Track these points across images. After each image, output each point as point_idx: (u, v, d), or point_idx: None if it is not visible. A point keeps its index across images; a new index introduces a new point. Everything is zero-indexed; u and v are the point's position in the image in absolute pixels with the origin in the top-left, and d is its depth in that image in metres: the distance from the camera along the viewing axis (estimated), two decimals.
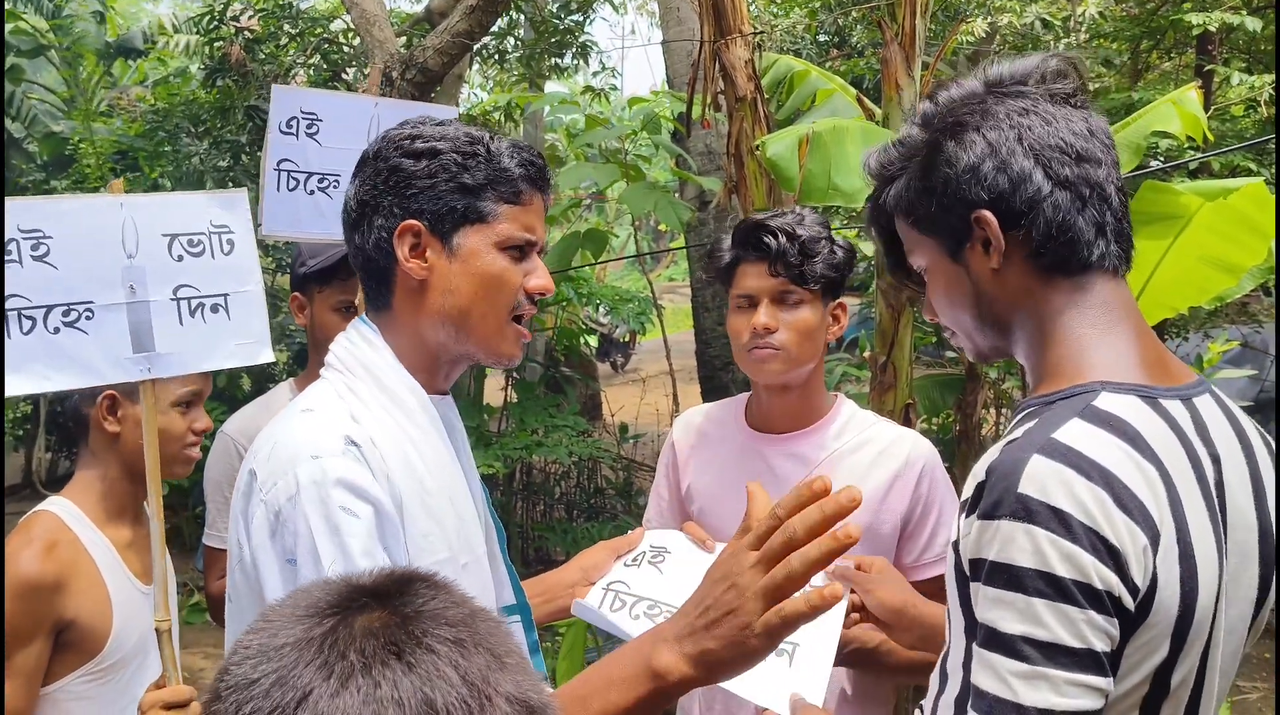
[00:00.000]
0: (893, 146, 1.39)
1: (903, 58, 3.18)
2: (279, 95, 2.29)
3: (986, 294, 1.32)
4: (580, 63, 10.12)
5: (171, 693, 1.81)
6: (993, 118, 1.28)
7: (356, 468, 1.34)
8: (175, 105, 8.23)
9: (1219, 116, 7.60)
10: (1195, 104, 3.27)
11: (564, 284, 6.76)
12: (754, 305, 2.00)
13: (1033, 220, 1.25)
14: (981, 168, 1.26)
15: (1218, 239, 3.07)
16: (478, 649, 0.77)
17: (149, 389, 1.90)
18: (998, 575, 1.12)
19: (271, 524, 1.33)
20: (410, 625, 0.77)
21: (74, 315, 1.82)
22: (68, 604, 1.94)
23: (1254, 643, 1.33)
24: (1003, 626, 1.11)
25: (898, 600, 1.78)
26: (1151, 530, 1.12)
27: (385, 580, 0.83)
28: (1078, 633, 1.09)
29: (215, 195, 2.00)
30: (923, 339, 5.53)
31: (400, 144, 1.48)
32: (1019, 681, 1.10)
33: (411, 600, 0.80)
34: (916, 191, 1.34)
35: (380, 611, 0.78)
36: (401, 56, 5.47)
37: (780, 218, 2.02)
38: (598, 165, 5.70)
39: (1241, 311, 7.37)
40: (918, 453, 2.05)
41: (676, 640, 1.21)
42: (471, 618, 0.80)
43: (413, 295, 1.49)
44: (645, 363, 15.55)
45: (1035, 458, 1.12)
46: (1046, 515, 1.09)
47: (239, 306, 1.98)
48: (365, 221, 1.49)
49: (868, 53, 8.82)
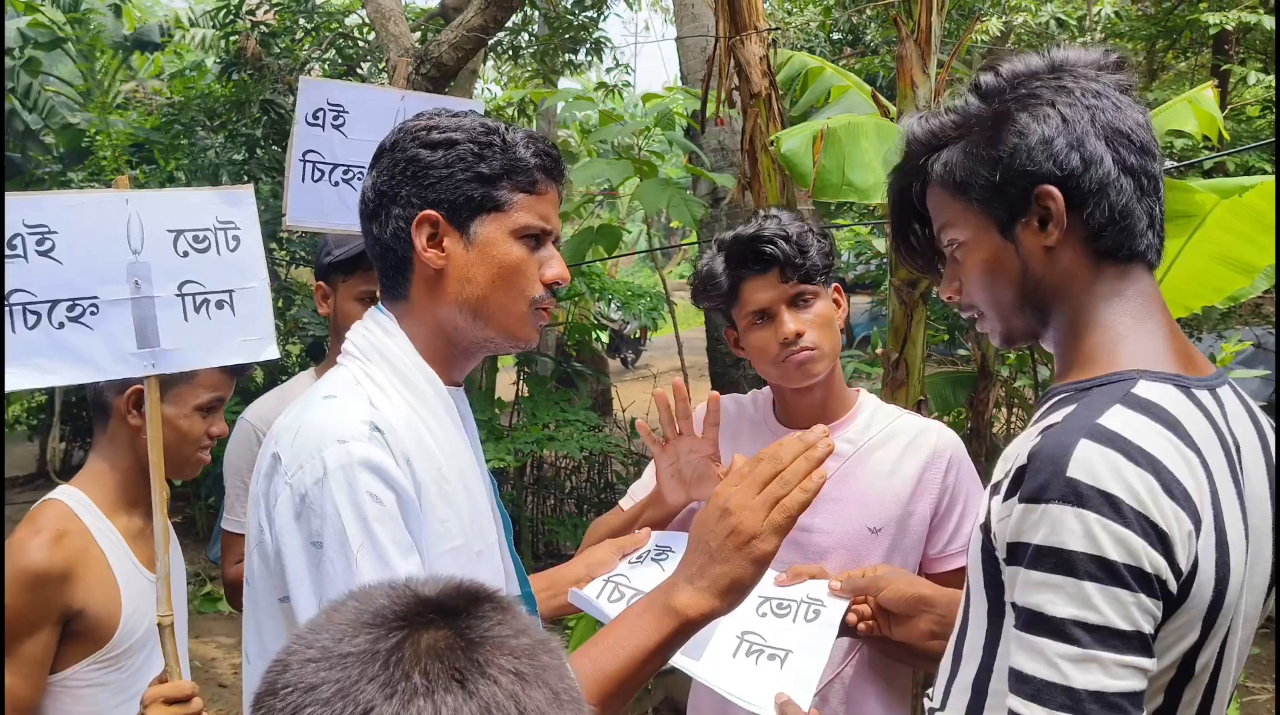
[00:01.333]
0: (946, 114, 1.36)
1: (918, 55, 3.18)
2: (306, 87, 2.30)
3: (1034, 273, 1.30)
4: (594, 59, 10.14)
5: (173, 688, 1.82)
6: (1068, 94, 1.27)
7: (381, 453, 1.35)
8: (191, 98, 8.27)
9: (1234, 117, 7.58)
10: (1211, 103, 3.28)
11: (576, 279, 6.77)
12: (771, 317, 1.98)
13: (1098, 203, 1.25)
14: (1055, 142, 1.25)
15: (1232, 238, 3.07)
16: (538, 683, 0.78)
17: (153, 385, 1.91)
18: (1045, 559, 1.12)
19: (297, 506, 1.34)
20: (475, 651, 0.78)
21: (79, 310, 1.83)
22: (76, 593, 1.94)
23: (1259, 628, 1.35)
24: (1051, 610, 1.11)
25: (911, 590, 1.80)
26: (1195, 516, 1.13)
27: (453, 595, 0.84)
28: (1128, 615, 1.09)
29: (221, 191, 2.00)
30: (935, 337, 5.54)
31: (417, 135, 1.50)
32: (1069, 665, 1.10)
33: (478, 623, 0.81)
34: (976, 159, 1.30)
35: (446, 631, 0.79)
36: (416, 51, 5.50)
37: (762, 225, 1.99)
38: (611, 161, 5.71)
39: (1255, 313, 7.35)
40: (944, 443, 2.05)
41: (689, 580, 1.31)
42: (535, 649, 0.81)
43: (430, 284, 1.50)
44: (656, 359, 15.56)
45: (1084, 442, 1.13)
46: (1097, 499, 1.10)
47: (244, 303, 1.98)
48: (383, 211, 1.50)
49: (882, 50, 8.82)
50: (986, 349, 4.33)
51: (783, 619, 1.82)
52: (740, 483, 1.33)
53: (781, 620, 1.81)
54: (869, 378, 5.58)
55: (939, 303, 5.24)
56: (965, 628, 1.31)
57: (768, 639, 1.78)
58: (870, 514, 1.99)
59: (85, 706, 1.99)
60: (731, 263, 2.00)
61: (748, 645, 1.77)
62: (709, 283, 2.02)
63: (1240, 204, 2.99)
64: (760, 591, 1.86)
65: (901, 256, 1.52)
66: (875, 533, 1.98)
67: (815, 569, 1.89)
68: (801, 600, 1.84)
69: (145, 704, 1.80)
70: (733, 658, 1.76)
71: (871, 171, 2.96)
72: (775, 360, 1.98)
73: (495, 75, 15.59)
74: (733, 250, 2.00)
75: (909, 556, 2.01)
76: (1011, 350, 5.50)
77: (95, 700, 2.00)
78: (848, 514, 1.99)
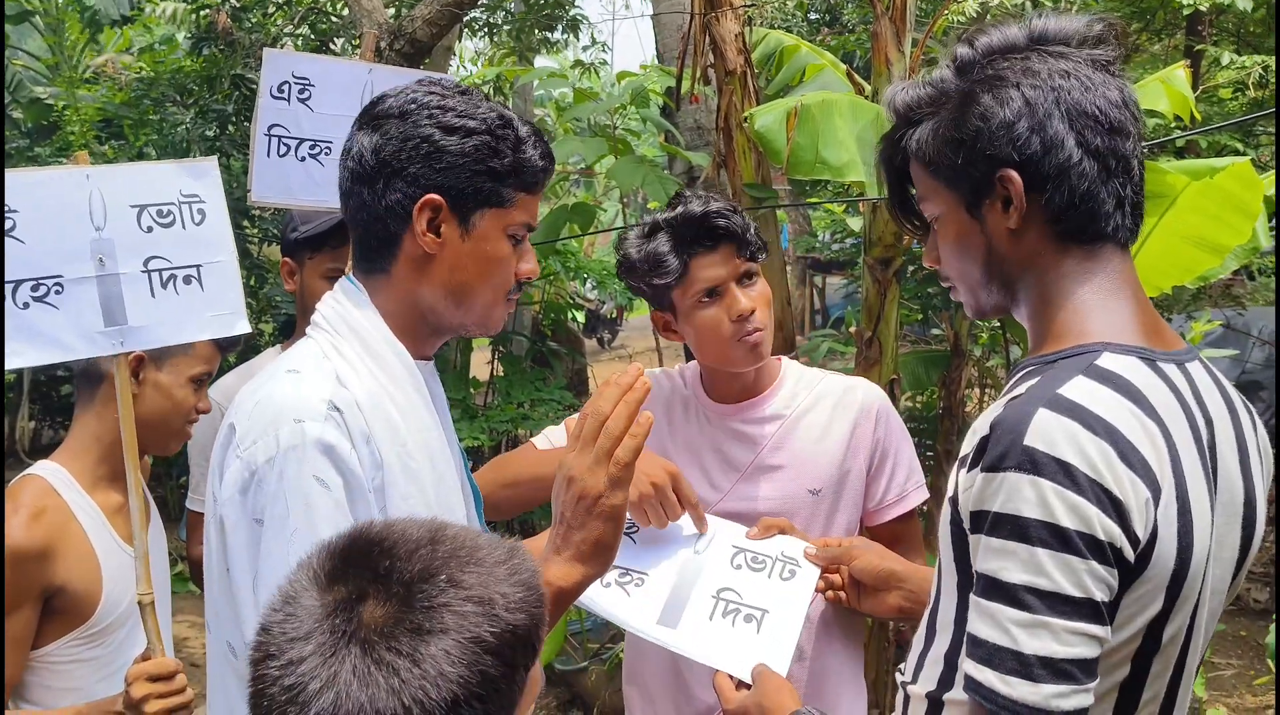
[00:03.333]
0: (923, 86, 1.36)
1: (893, 32, 3.18)
2: (271, 59, 2.27)
3: (998, 252, 1.31)
4: (570, 37, 10.07)
5: (156, 665, 1.81)
6: (1034, 76, 1.26)
7: (336, 434, 1.35)
8: (161, 73, 8.15)
9: (1207, 99, 7.61)
10: (1183, 83, 3.30)
11: (552, 258, 6.74)
12: (720, 295, 1.97)
13: (1058, 187, 1.25)
14: (1016, 126, 1.25)
15: (1203, 218, 3.10)
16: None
17: (122, 363, 1.88)
18: (1002, 526, 1.13)
19: (245, 481, 1.35)
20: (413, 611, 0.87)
21: (43, 290, 1.80)
22: (56, 570, 1.93)
23: (1228, 603, 1.36)
24: (1005, 576, 1.13)
25: (882, 564, 1.82)
26: (1153, 484, 1.14)
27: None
28: (1079, 582, 1.11)
29: (184, 164, 1.97)
30: (908, 317, 5.55)
31: (433, 112, 1.46)
32: (1020, 630, 1.12)
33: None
34: (943, 140, 1.31)
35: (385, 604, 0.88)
36: (390, 26, 5.44)
37: (702, 204, 1.97)
38: (586, 139, 5.68)
39: (1225, 294, 7.41)
40: (870, 398, 2.09)
41: (555, 553, 1.37)
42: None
43: (417, 265, 1.49)
44: (632, 339, 15.55)
45: (1041, 412, 1.14)
46: (1052, 467, 1.11)
47: (212, 277, 1.96)
48: (382, 180, 1.46)
49: (858, 29, 8.80)
50: (960, 328, 4.34)
51: (758, 573, 1.85)
52: (575, 447, 1.38)
53: (757, 575, 1.84)
54: (843, 357, 5.59)
55: (912, 282, 5.25)
56: (938, 601, 1.32)
57: (744, 596, 1.81)
58: (809, 477, 2.03)
59: (67, 682, 1.99)
60: (680, 242, 1.97)
61: (724, 604, 1.80)
62: (657, 265, 1.98)
63: (1211, 185, 3.02)
64: (734, 542, 1.89)
65: (897, 220, 1.52)
66: (816, 494, 2.02)
67: (784, 522, 1.93)
68: (776, 557, 1.87)
69: (129, 681, 1.80)
70: (710, 620, 1.78)
71: (845, 149, 2.95)
72: (728, 338, 1.97)
73: (472, 54, 15.48)
74: (681, 229, 1.97)
75: (851, 513, 2.06)
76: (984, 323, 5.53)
77: (77, 676, 2.00)
78: (787, 479, 2.03)
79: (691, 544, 1.91)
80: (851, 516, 2.07)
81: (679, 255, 1.97)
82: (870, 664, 3.22)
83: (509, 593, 0.92)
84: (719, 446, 2.07)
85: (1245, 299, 7.31)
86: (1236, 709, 4.82)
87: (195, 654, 5.60)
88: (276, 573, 1.28)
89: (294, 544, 1.31)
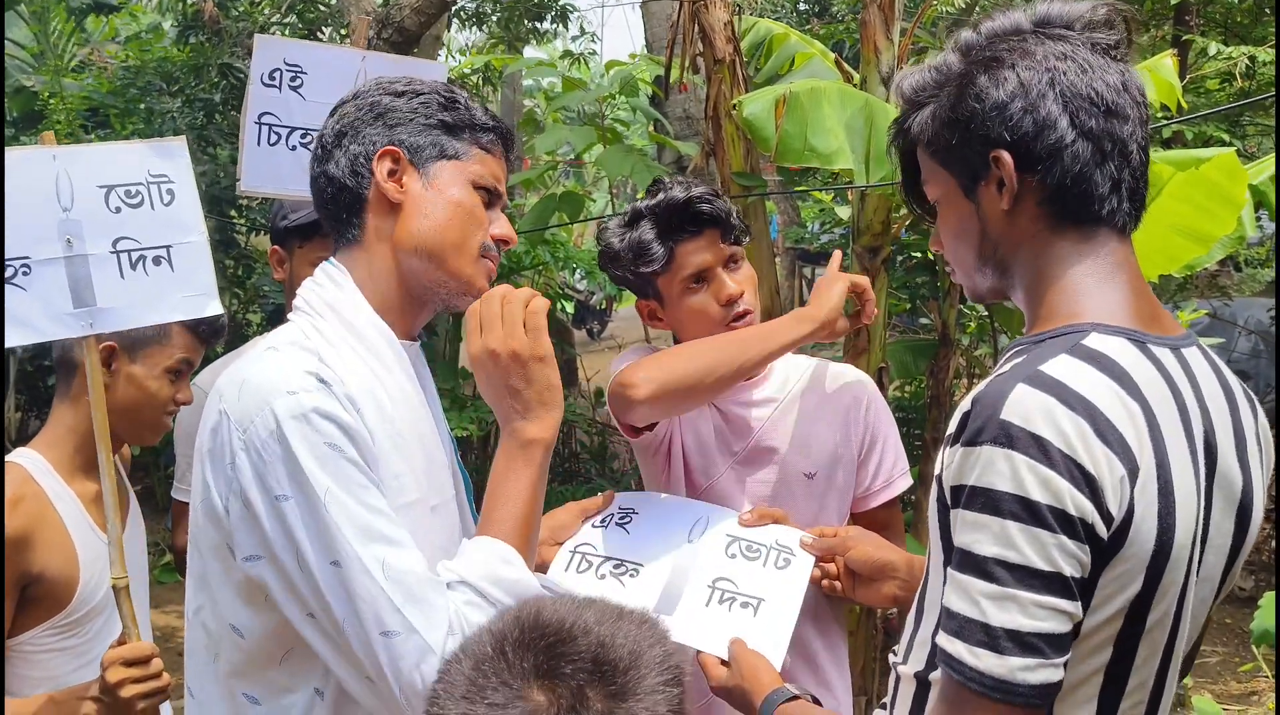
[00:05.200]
0: (929, 71, 1.37)
1: (881, 20, 3.18)
2: (262, 45, 2.24)
3: (992, 234, 1.32)
4: (559, 27, 10.05)
5: (132, 649, 1.81)
6: (1030, 57, 1.26)
7: (330, 401, 1.34)
8: (148, 62, 8.10)
9: (1194, 90, 7.64)
10: (1170, 71, 3.30)
11: (540, 248, 6.74)
12: (708, 280, 1.98)
13: (1050, 168, 1.25)
14: (1009, 107, 1.25)
15: (1189, 208, 3.11)
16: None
17: (91, 346, 1.87)
18: (976, 499, 1.14)
19: (255, 464, 1.32)
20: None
21: (11, 271, 1.79)
22: (34, 558, 1.92)
23: (1224, 595, 1.36)
24: (977, 549, 1.14)
25: (879, 554, 1.82)
26: (1130, 462, 1.14)
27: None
28: (1048, 556, 1.11)
29: (152, 144, 1.96)
30: (897, 306, 5.57)
31: (383, 85, 1.55)
32: (989, 602, 1.13)
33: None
34: (941, 122, 1.32)
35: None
36: (378, 15, 5.42)
37: (684, 189, 1.98)
38: (574, 128, 5.67)
39: (1211, 284, 7.45)
40: (860, 384, 2.12)
41: (520, 416, 1.45)
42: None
43: (385, 221, 1.50)
44: (622, 330, 15.54)
45: (1020, 387, 1.14)
46: (1026, 441, 1.11)
47: (183, 258, 1.94)
48: (339, 148, 1.51)
49: (848, 19, 8.80)
50: (948, 317, 4.36)
51: (753, 562, 1.85)
52: (478, 333, 1.46)
53: (752, 563, 1.84)
54: (831, 346, 5.60)
55: (900, 271, 5.26)
56: (927, 582, 1.33)
57: (740, 585, 1.81)
58: (804, 460, 2.04)
59: (41, 671, 1.97)
60: (665, 229, 1.97)
61: (720, 593, 1.80)
62: (643, 253, 1.98)
63: (1197, 175, 3.03)
64: (728, 532, 1.89)
65: (910, 206, 1.54)
66: (810, 478, 2.04)
67: (778, 512, 1.93)
68: (771, 546, 1.87)
69: (104, 666, 1.79)
70: (705, 607, 1.78)
71: (834, 136, 2.96)
72: (716, 322, 1.98)
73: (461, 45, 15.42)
74: (665, 215, 1.97)
75: (843, 497, 2.08)
76: (971, 312, 5.54)
77: (52, 665, 1.98)
78: (783, 462, 2.04)
79: (686, 534, 1.90)
80: (842, 501, 2.08)
81: (664, 242, 1.97)
82: (858, 651, 3.23)
83: (677, 652, 1.00)
84: (714, 431, 2.07)
85: (1232, 290, 7.35)
86: (1221, 695, 4.86)
87: (177, 644, 5.58)
88: (322, 539, 1.30)
89: (329, 505, 1.30)
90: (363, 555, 1.30)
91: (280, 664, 1.40)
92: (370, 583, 1.29)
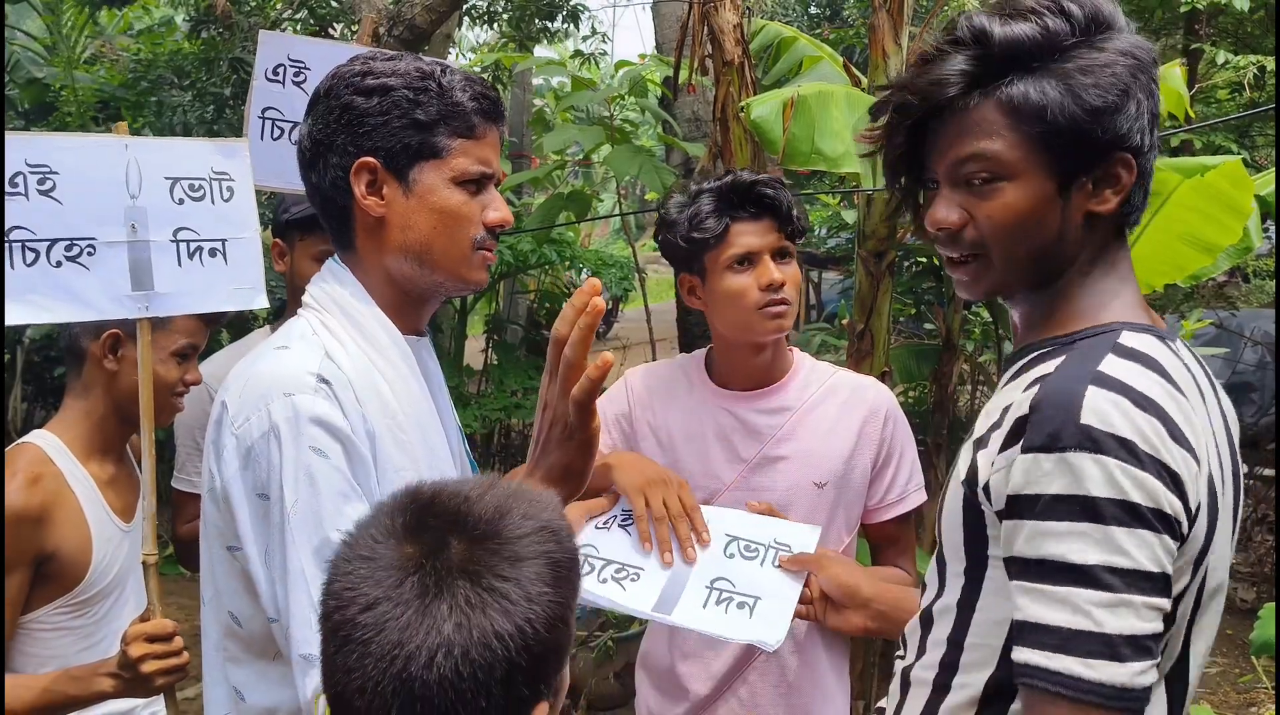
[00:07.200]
0: (1030, 21, 1.22)
1: (890, 26, 3.18)
2: (266, 41, 2.26)
3: (1070, 233, 1.27)
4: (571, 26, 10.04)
5: (155, 626, 1.84)
6: (1147, 73, 1.24)
7: (327, 406, 1.37)
8: (159, 55, 8.13)
9: (1204, 99, 7.63)
10: (1179, 80, 3.30)
11: (546, 247, 6.74)
12: (754, 263, 1.98)
13: (1143, 183, 1.27)
14: (1143, 118, 1.24)
15: (1195, 217, 3.11)
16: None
17: (145, 327, 1.93)
18: (1065, 506, 1.11)
19: (243, 458, 1.36)
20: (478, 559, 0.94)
21: (76, 250, 1.85)
22: (50, 536, 1.97)
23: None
24: (1077, 558, 1.10)
25: (848, 578, 1.82)
26: (1196, 458, 1.15)
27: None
28: (1155, 557, 1.10)
29: (217, 143, 2.04)
30: (902, 311, 5.56)
31: (351, 81, 1.48)
32: (1103, 611, 1.10)
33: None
34: (1077, 102, 1.20)
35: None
36: (389, 12, 5.43)
37: (752, 174, 2.01)
38: (583, 128, 5.67)
39: (1218, 294, 7.44)
40: (880, 398, 2.10)
41: (530, 477, 1.36)
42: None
43: (373, 232, 1.50)
44: (628, 331, 15.54)
45: (1093, 389, 1.13)
46: (1114, 444, 1.10)
47: (236, 252, 2.01)
48: (320, 160, 1.50)
49: (858, 23, 8.80)
50: (952, 323, 4.36)
51: (751, 561, 1.86)
52: (549, 375, 1.37)
53: (750, 563, 1.85)
54: (836, 350, 5.60)
55: (905, 276, 5.26)
56: (942, 590, 1.32)
57: (737, 585, 1.82)
58: (815, 469, 2.03)
59: (49, 650, 2.02)
60: (724, 206, 1.99)
61: (717, 593, 1.81)
62: (697, 222, 1.98)
63: (1203, 183, 3.03)
64: (727, 531, 1.89)
65: (894, 181, 1.41)
66: (821, 487, 2.03)
67: (768, 508, 1.95)
68: (769, 545, 1.88)
69: (127, 641, 1.82)
70: (703, 608, 1.79)
71: (841, 140, 2.96)
72: (753, 306, 1.97)
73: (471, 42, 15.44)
74: (728, 193, 1.99)
75: (852, 509, 2.07)
76: (976, 317, 5.53)
77: (57, 645, 2.03)
78: (794, 470, 2.03)
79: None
80: (852, 513, 2.07)
81: (721, 217, 1.98)
82: (857, 656, 3.23)
83: (564, 522, 1.03)
84: (725, 436, 2.06)
85: (1239, 301, 7.33)
86: (1221, 706, 4.84)
87: (181, 634, 5.60)
88: (284, 544, 1.33)
89: (295, 515, 1.33)
90: (307, 573, 1.32)
91: (274, 660, 1.43)
92: (306, 603, 1.31)
